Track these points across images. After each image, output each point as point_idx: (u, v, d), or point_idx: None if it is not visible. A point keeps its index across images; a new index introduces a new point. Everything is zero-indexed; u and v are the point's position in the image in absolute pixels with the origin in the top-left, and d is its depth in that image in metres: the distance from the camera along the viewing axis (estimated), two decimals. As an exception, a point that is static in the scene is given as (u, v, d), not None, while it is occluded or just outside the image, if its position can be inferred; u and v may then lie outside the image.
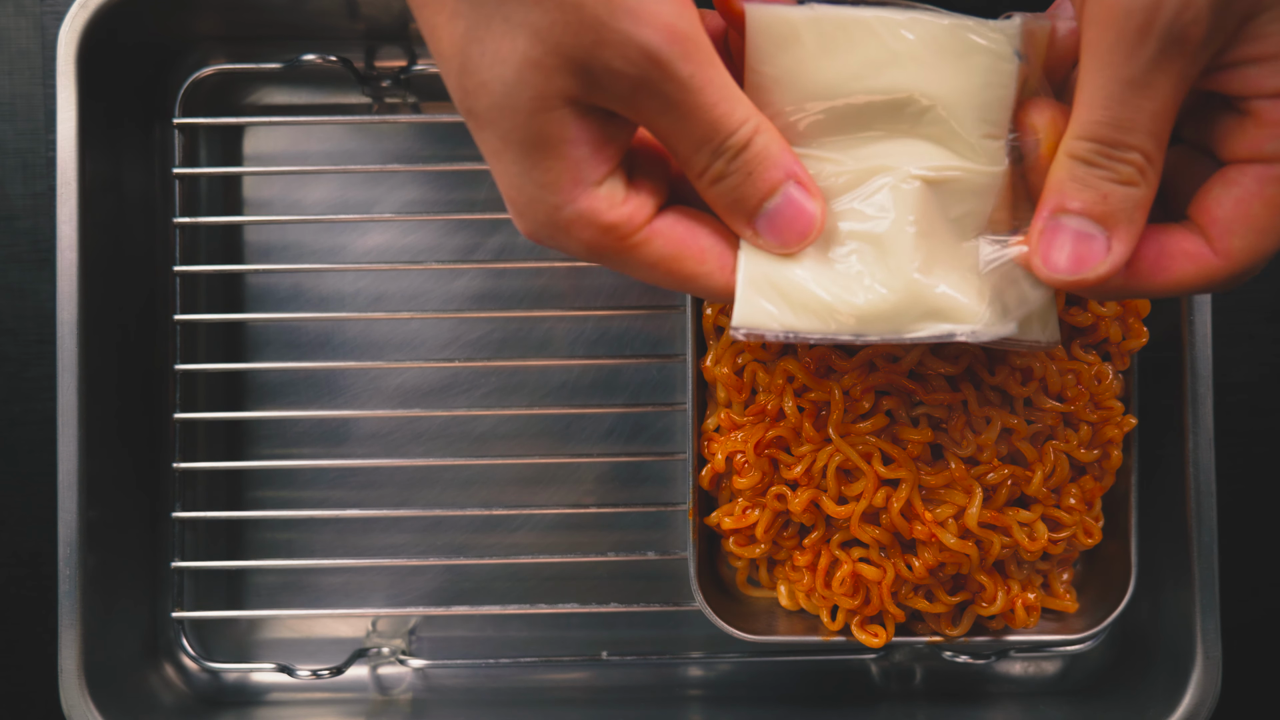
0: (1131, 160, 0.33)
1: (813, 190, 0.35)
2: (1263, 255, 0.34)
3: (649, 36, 0.31)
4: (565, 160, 0.33)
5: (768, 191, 0.35)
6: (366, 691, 0.56)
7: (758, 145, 0.34)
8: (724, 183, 0.34)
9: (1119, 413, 0.49)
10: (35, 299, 0.56)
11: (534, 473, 0.56)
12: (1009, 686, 0.56)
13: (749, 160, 0.34)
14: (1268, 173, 0.33)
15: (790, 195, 0.35)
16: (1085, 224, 0.33)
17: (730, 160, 0.34)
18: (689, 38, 0.32)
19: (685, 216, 0.36)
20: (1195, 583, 0.50)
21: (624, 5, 0.31)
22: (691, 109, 0.32)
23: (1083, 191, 0.33)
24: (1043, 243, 0.34)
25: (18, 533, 0.56)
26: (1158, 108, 0.32)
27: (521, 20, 0.31)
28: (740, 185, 0.34)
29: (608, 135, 0.34)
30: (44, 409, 0.55)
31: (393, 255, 0.56)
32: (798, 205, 0.35)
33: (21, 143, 0.56)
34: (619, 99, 0.32)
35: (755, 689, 0.56)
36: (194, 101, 0.55)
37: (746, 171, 0.34)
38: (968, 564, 0.48)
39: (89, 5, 0.50)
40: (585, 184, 0.34)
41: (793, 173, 0.35)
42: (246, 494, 0.57)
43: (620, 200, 0.34)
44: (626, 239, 0.35)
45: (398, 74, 0.55)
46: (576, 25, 0.31)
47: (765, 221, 0.35)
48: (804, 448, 0.49)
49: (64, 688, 0.50)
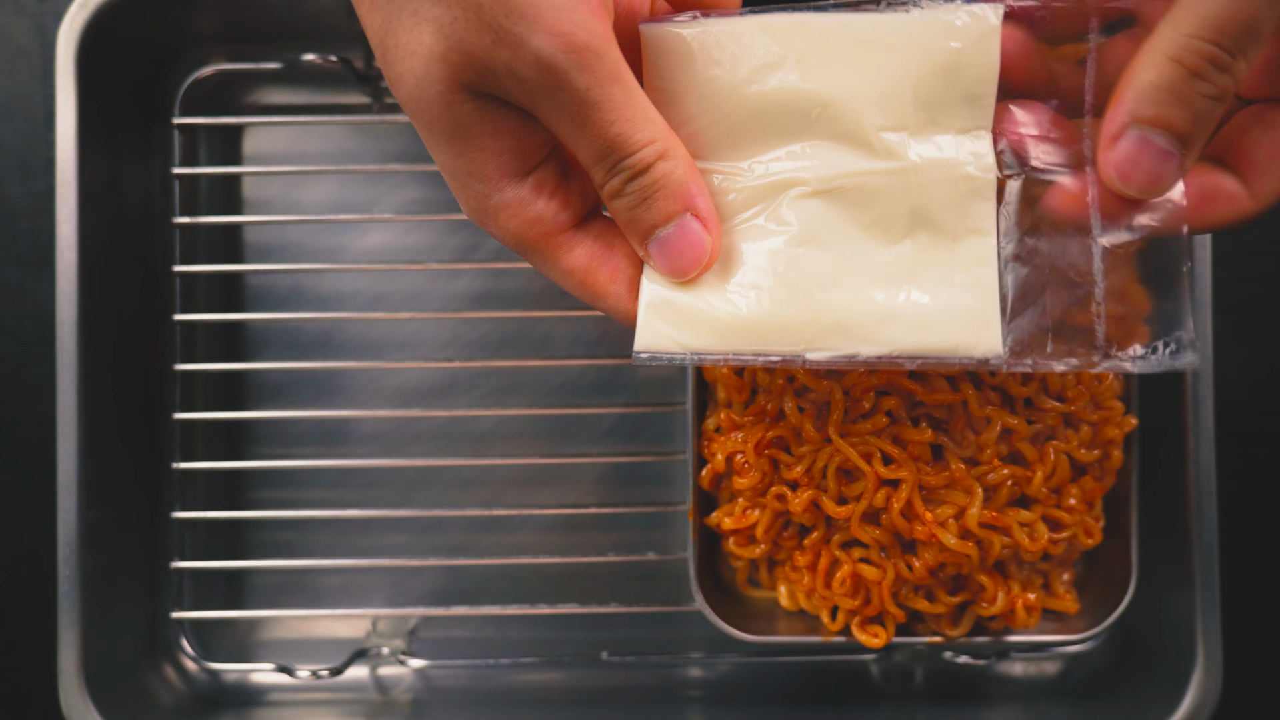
0: (1238, 71, 0.30)
1: (709, 222, 0.35)
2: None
3: (543, 44, 0.31)
4: (486, 151, 0.33)
5: (662, 220, 0.34)
6: (366, 692, 0.56)
7: (658, 172, 0.33)
8: (620, 200, 0.34)
9: (1119, 413, 0.49)
10: (35, 299, 0.56)
11: (534, 473, 0.56)
12: (1009, 687, 0.56)
13: (646, 186, 0.33)
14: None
15: (685, 225, 0.34)
16: (1169, 141, 0.31)
17: (627, 180, 0.33)
18: (589, 48, 0.31)
19: (610, 231, 0.36)
20: (1196, 583, 0.50)
21: (520, 8, 0.31)
22: (587, 122, 0.32)
23: (1177, 107, 0.31)
24: (1121, 155, 0.32)
25: (17, 533, 0.56)
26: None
27: (427, 15, 0.31)
28: (635, 207, 0.34)
29: (530, 129, 0.33)
30: (43, 409, 0.55)
31: (392, 255, 0.56)
32: (691, 236, 0.34)
33: (21, 143, 0.56)
34: (521, 102, 0.32)
35: (755, 689, 0.56)
36: (194, 101, 0.55)
37: (643, 196, 0.34)
38: (968, 564, 0.48)
39: (88, 5, 0.50)
40: (510, 174, 0.34)
41: (691, 205, 0.34)
42: (246, 494, 0.57)
43: (549, 193, 0.34)
44: (550, 237, 0.35)
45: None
46: (476, 24, 0.31)
47: (657, 247, 0.35)
48: (804, 448, 0.49)
49: (63, 688, 0.50)
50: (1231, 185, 0.33)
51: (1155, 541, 0.51)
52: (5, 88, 0.56)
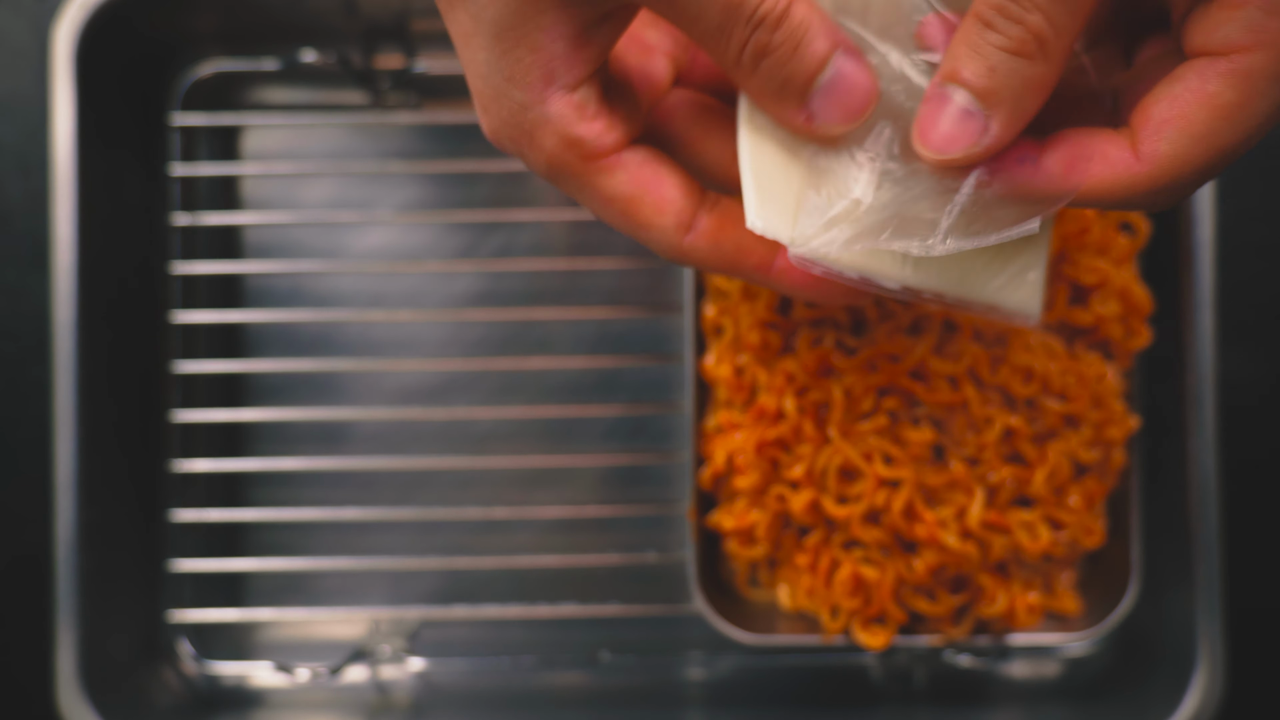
0: (1031, 24, 0.28)
1: (857, 54, 0.30)
2: (1192, 166, 0.29)
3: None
4: (538, 53, 0.30)
5: (818, 65, 0.30)
6: (366, 692, 0.56)
7: (798, 12, 0.29)
8: (769, 59, 0.29)
9: (1121, 413, 0.49)
10: (33, 299, 0.56)
11: (534, 473, 0.56)
12: (1010, 688, 0.56)
13: (794, 30, 0.29)
14: (1213, 66, 0.28)
15: (841, 64, 0.30)
16: (968, 99, 0.29)
17: (772, 30, 0.29)
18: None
19: (657, 160, 0.33)
20: (1198, 584, 0.50)
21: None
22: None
23: (971, 60, 0.29)
24: (924, 112, 0.30)
25: (15, 533, 0.56)
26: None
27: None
28: (787, 61, 0.29)
29: (588, 34, 0.30)
30: (42, 409, 0.55)
31: (392, 255, 0.56)
32: (854, 72, 0.30)
33: (19, 142, 0.56)
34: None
35: (755, 690, 0.56)
36: (193, 100, 0.55)
37: (793, 44, 0.29)
38: (969, 565, 0.48)
39: (86, 4, 0.50)
40: (556, 84, 0.31)
41: (839, 40, 0.30)
42: (246, 494, 0.56)
43: (592, 114, 0.31)
44: (591, 159, 0.32)
45: (397, 73, 0.55)
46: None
47: (821, 97, 0.30)
48: (804, 448, 0.49)
49: (61, 689, 0.50)
50: (1115, 148, 0.30)
51: (1157, 542, 0.51)
52: (2, 87, 0.56)
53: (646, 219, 0.33)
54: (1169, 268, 0.51)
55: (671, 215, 0.33)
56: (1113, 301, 0.49)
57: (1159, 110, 0.29)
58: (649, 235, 0.33)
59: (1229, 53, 0.28)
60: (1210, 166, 0.29)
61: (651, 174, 0.33)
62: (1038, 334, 0.48)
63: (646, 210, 0.33)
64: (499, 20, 0.30)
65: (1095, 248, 0.49)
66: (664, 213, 0.33)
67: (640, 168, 0.32)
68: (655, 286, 0.56)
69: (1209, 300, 0.50)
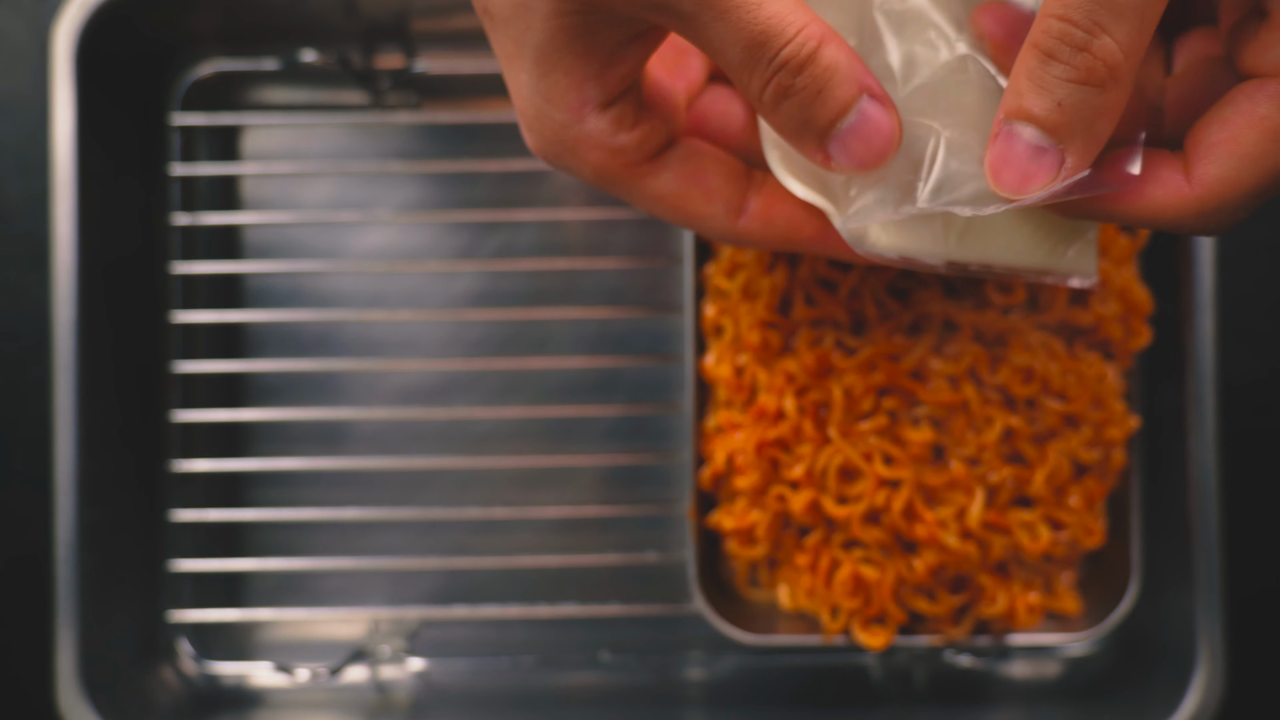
0: (1098, 50, 0.27)
1: (885, 100, 0.30)
2: (1241, 188, 0.29)
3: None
4: (572, 75, 0.31)
5: (841, 110, 0.30)
6: (366, 692, 0.56)
7: (826, 57, 0.29)
8: (790, 101, 0.30)
9: (1121, 413, 0.49)
10: (33, 299, 0.56)
11: (534, 473, 0.56)
12: (1010, 688, 0.56)
13: (818, 75, 0.29)
14: (1263, 88, 0.28)
15: (866, 110, 0.30)
16: (1038, 135, 0.29)
17: (794, 73, 0.29)
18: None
19: (698, 153, 0.34)
20: (1198, 584, 0.50)
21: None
22: (730, 9, 0.28)
23: (1038, 94, 0.28)
24: (994, 153, 0.29)
25: (15, 533, 0.56)
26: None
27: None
28: (809, 104, 0.30)
29: (621, 54, 0.31)
30: (41, 409, 0.55)
31: (392, 255, 0.56)
32: (876, 120, 0.30)
33: (18, 142, 0.56)
34: (645, 4, 0.29)
35: (755, 690, 0.56)
36: (192, 100, 0.55)
37: (817, 88, 0.29)
38: (969, 565, 0.48)
39: (86, 3, 0.50)
40: (593, 104, 0.32)
41: (866, 84, 0.30)
42: (246, 494, 0.56)
43: (630, 124, 0.32)
44: (635, 166, 0.33)
45: (397, 73, 0.55)
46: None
47: (839, 143, 0.30)
48: (804, 448, 0.49)
49: (61, 689, 0.50)
50: (1169, 170, 0.30)
51: (1157, 542, 0.51)
52: (2, 86, 0.56)
53: (697, 210, 0.34)
54: (1169, 268, 0.51)
55: (721, 203, 0.34)
56: (1113, 301, 0.49)
57: (1210, 134, 0.29)
58: (702, 225, 0.34)
59: (1279, 75, 0.28)
60: (1261, 189, 0.29)
61: (696, 167, 0.34)
62: (1038, 334, 0.48)
63: (696, 203, 0.34)
64: (538, 45, 0.31)
65: (1095, 248, 0.49)
66: (714, 201, 0.34)
67: (684, 163, 0.34)
68: (655, 286, 0.56)
69: (1209, 300, 0.50)
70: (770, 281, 0.49)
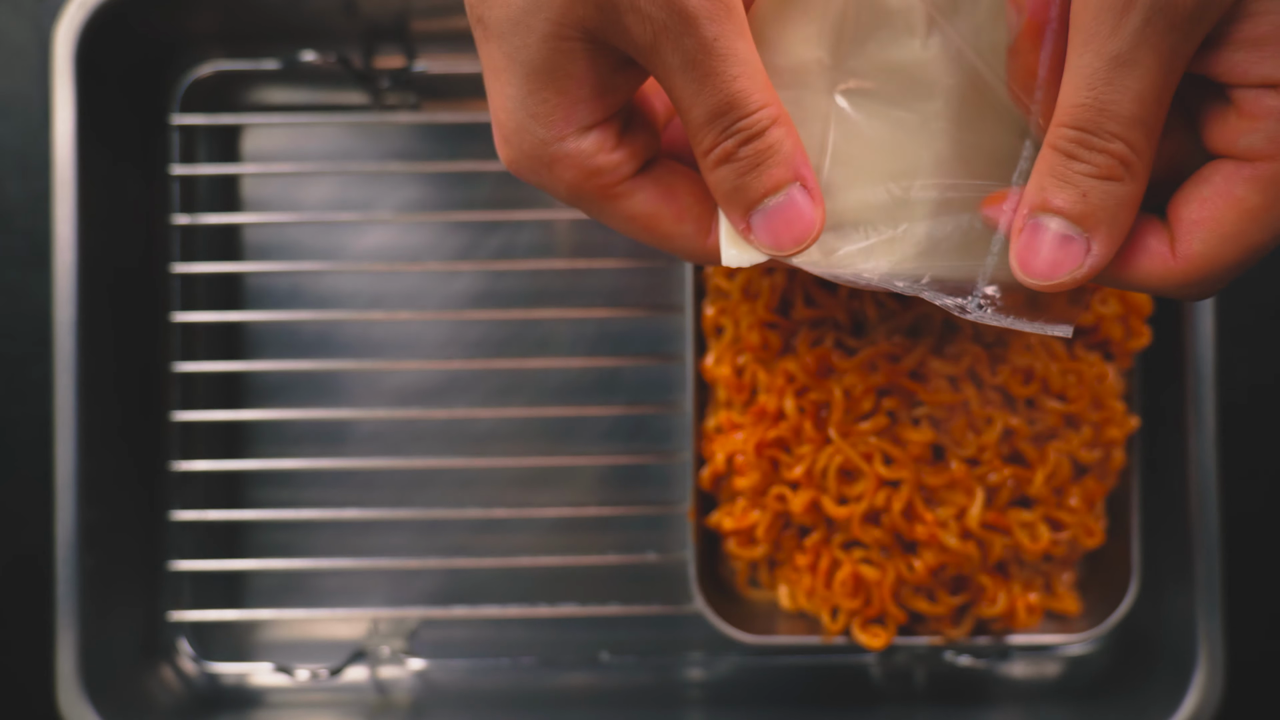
0: (1114, 151, 0.30)
1: (816, 195, 0.33)
2: (1223, 264, 0.31)
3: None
4: (565, 95, 0.32)
5: (771, 189, 0.32)
6: (366, 692, 0.56)
7: (773, 136, 0.32)
8: (728, 166, 0.32)
9: (1121, 413, 0.49)
10: (33, 299, 0.56)
11: (534, 473, 0.56)
12: (1010, 688, 0.56)
13: (760, 150, 0.32)
14: (1239, 171, 0.31)
15: (793, 196, 0.32)
16: (1065, 225, 0.31)
17: (741, 143, 0.31)
18: (721, 0, 0.30)
19: (670, 173, 0.35)
20: (1198, 584, 0.50)
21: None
22: (710, 74, 0.30)
23: (1062, 189, 0.30)
24: (1021, 244, 0.31)
25: (15, 533, 0.56)
26: (1144, 89, 0.29)
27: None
28: (744, 174, 0.32)
29: (614, 82, 0.32)
30: (42, 409, 0.55)
31: (392, 255, 0.56)
32: (800, 208, 0.32)
33: (19, 142, 0.56)
34: (638, 46, 0.31)
35: (755, 690, 0.56)
36: (192, 100, 0.55)
37: (755, 162, 0.32)
38: (969, 565, 0.48)
39: (86, 3, 0.50)
40: (578, 124, 0.33)
41: (800, 174, 0.32)
42: (246, 494, 0.56)
43: (611, 147, 0.33)
44: (610, 188, 0.34)
45: (397, 73, 0.55)
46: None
47: (763, 218, 0.33)
48: (804, 448, 0.49)
49: (61, 688, 0.50)
50: (1158, 241, 0.32)
51: (1157, 542, 0.51)
52: (3, 87, 0.56)
53: (668, 230, 0.35)
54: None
55: (691, 222, 0.35)
56: (1113, 301, 0.49)
57: (1191, 211, 0.31)
58: (673, 244, 0.35)
59: (1253, 159, 0.30)
60: (1241, 264, 0.31)
61: (668, 188, 0.34)
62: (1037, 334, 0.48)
63: (667, 223, 0.34)
64: (531, 62, 0.31)
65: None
66: (684, 221, 0.35)
67: (657, 184, 0.34)
68: (655, 286, 0.56)
69: (1209, 300, 0.50)
70: (770, 282, 0.49)
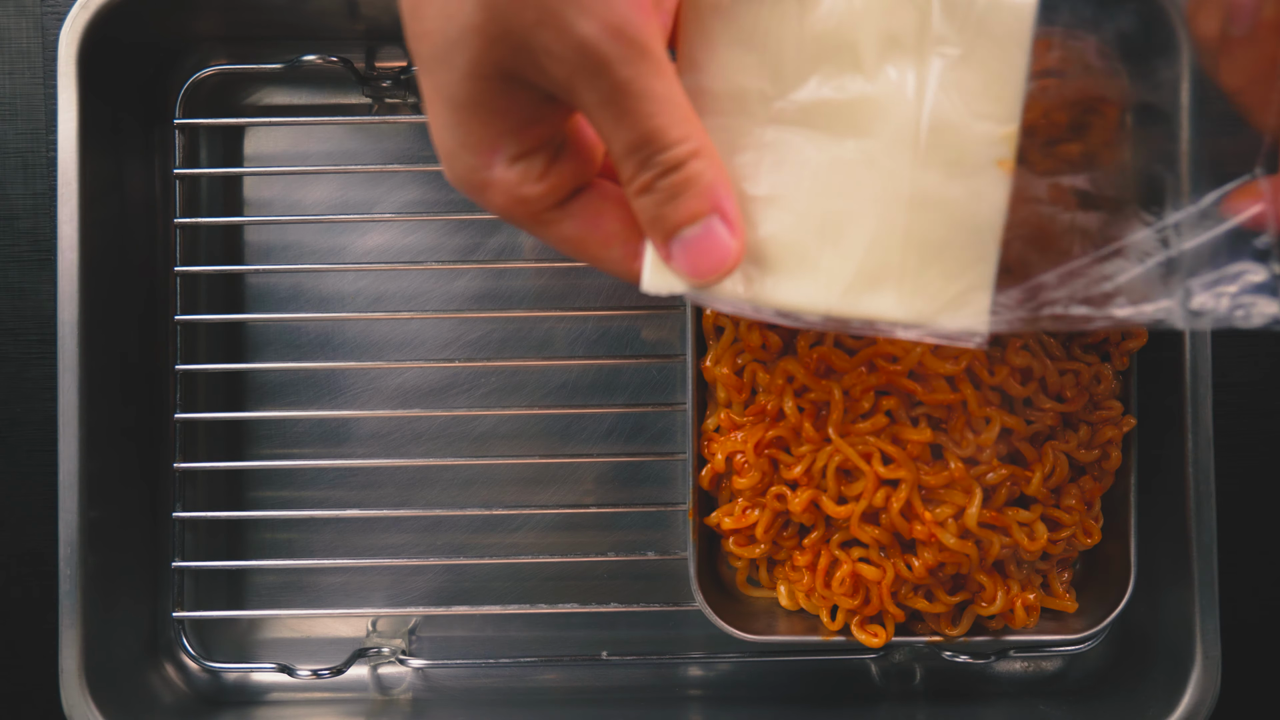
0: None
1: (735, 226, 0.34)
2: None
3: (588, 30, 0.30)
4: (489, 128, 0.33)
5: (688, 219, 0.33)
6: (366, 691, 0.56)
7: (690, 170, 0.33)
8: (648, 197, 0.33)
9: (1118, 413, 0.49)
10: (36, 299, 0.56)
11: (534, 473, 0.56)
12: (1008, 686, 0.56)
13: (677, 182, 0.33)
14: None
15: (711, 226, 0.33)
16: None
17: (659, 176, 0.33)
18: (634, 41, 0.31)
19: (601, 199, 0.35)
20: (1195, 583, 0.50)
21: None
22: (626, 112, 0.31)
23: None
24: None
25: (18, 533, 0.56)
26: None
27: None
28: (663, 204, 0.33)
29: (539, 115, 0.33)
30: (45, 409, 0.55)
31: (393, 255, 0.56)
32: (717, 239, 0.34)
33: (22, 143, 0.56)
34: (556, 84, 0.32)
35: (755, 689, 0.56)
36: (194, 102, 0.55)
37: (672, 194, 0.33)
38: (967, 564, 0.48)
39: (90, 6, 0.50)
40: (505, 155, 0.33)
41: (719, 206, 0.33)
42: (246, 494, 0.57)
43: (536, 176, 0.34)
44: (537, 215, 0.35)
45: (398, 74, 0.55)
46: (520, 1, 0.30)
47: (681, 247, 0.34)
48: (804, 448, 0.49)
49: (64, 687, 0.50)
50: None
51: (1154, 541, 0.51)
52: (7, 88, 0.56)
53: (595, 254, 0.36)
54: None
55: (619, 246, 0.36)
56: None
57: None
58: (603, 266, 0.36)
59: None
60: None
61: (595, 215, 0.35)
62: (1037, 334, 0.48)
63: (594, 247, 0.35)
64: (454, 97, 0.33)
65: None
66: (610, 246, 0.35)
67: (585, 210, 0.35)
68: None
69: (1205, 301, 0.50)
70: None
